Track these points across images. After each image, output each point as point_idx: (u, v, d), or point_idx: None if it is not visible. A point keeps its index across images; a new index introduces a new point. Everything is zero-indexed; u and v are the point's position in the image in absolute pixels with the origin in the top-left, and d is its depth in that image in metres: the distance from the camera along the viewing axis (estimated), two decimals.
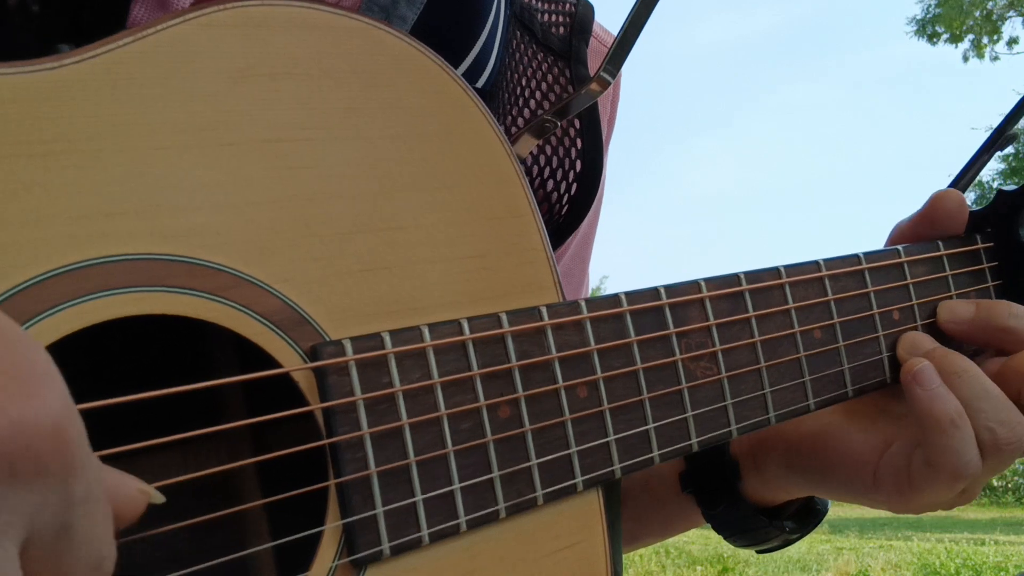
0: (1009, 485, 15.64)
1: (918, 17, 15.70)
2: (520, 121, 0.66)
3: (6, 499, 0.27)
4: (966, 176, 0.75)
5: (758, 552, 0.76)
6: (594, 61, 0.71)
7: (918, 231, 0.68)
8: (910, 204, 0.70)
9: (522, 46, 0.68)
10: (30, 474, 0.27)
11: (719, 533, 0.73)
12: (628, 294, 0.51)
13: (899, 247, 0.65)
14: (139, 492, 0.33)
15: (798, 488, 0.69)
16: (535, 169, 0.67)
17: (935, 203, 0.67)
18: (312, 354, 0.41)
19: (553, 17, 0.71)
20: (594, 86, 0.56)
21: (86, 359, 0.42)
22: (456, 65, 0.60)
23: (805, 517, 0.72)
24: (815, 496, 0.72)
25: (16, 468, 0.27)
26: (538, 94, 0.68)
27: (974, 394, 0.58)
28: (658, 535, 0.81)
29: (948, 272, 0.67)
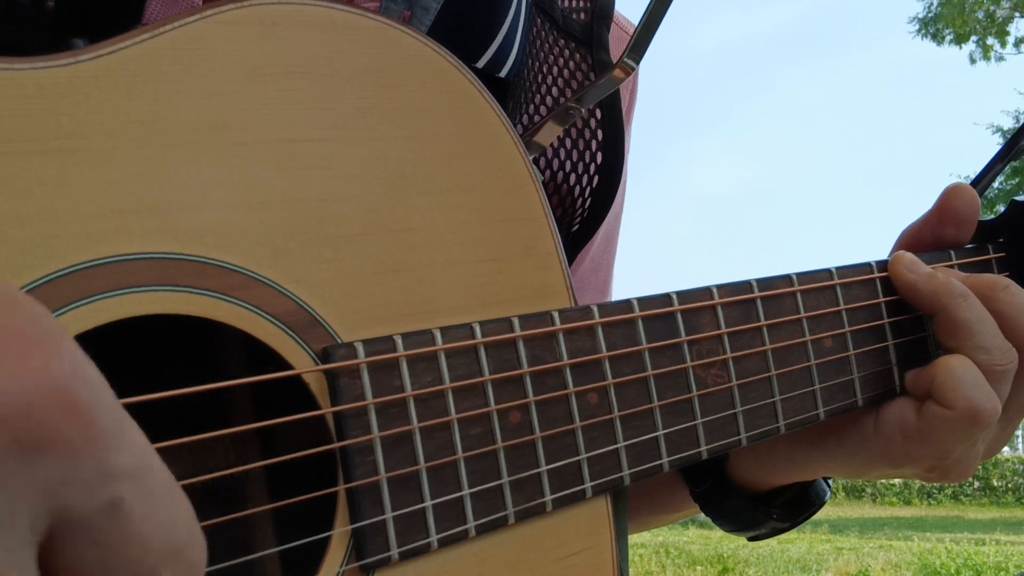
0: (1009, 485, 15.67)
1: (920, 16, 15.68)
2: (543, 110, 0.66)
3: (12, 476, 0.23)
4: (979, 185, 0.75)
5: (748, 539, 0.75)
6: (615, 48, 0.70)
7: (928, 229, 0.67)
8: (913, 202, 0.69)
9: (543, 33, 0.68)
10: (38, 444, 0.24)
11: (707, 514, 0.72)
12: (640, 300, 0.51)
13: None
14: None
15: (796, 454, 0.67)
16: (556, 162, 0.66)
17: (949, 197, 0.66)
18: (324, 356, 0.41)
19: (573, 3, 0.70)
20: (618, 72, 0.56)
21: (93, 359, 0.42)
22: (479, 55, 0.60)
23: (796, 506, 0.71)
24: (810, 486, 0.71)
25: (20, 437, 0.23)
26: (560, 82, 0.67)
27: (978, 316, 0.59)
28: (649, 516, 0.81)
29: None
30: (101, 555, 0.25)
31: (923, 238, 0.67)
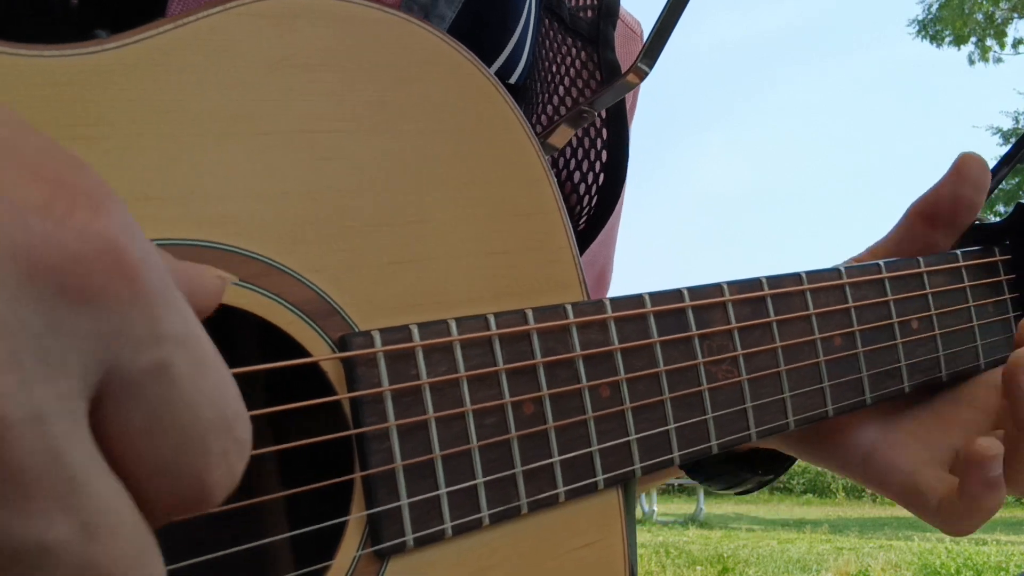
0: None
1: (919, 19, 15.77)
2: (549, 109, 0.67)
3: (62, 322, 0.22)
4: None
5: (736, 495, 0.75)
6: (621, 46, 0.71)
7: (946, 190, 0.65)
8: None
9: (551, 33, 0.69)
10: (87, 294, 0.23)
11: (693, 478, 0.73)
12: (652, 295, 0.51)
13: (919, 258, 0.65)
14: (217, 279, 0.29)
15: (780, 446, 0.68)
16: (561, 160, 0.67)
17: (964, 160, 0.64)
18: (341, 344, 0.42)
19: (580, 1, 0.71)
20: (631, 77, 0.56)
21: None
22: (490, 63, 0.61)
23: (779, 458, 0.71)
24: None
25: (67, 285, 0.22)
26: (567, 80, 0.68)
27: None
28: (642, 482, 0.81)
29: (967, 283, 0.67)
30: (149, 418, 0.24)
31: (942, 198, 0.65)
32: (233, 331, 0.48)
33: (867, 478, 0.62)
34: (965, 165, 0.65)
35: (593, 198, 0.69)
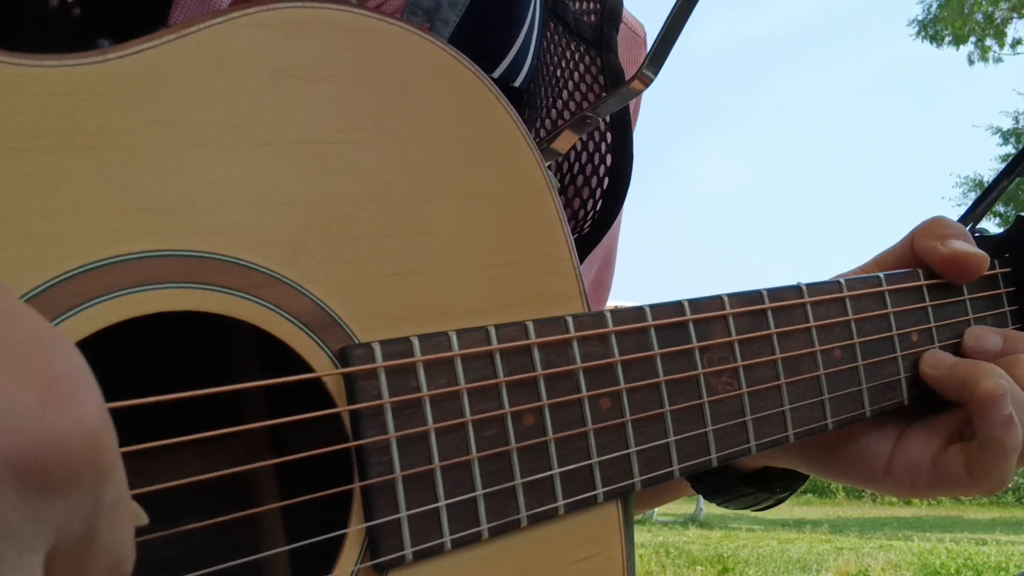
0: (1009, 485, 15.59)
1: (919, 18, 15.83)
2: (553, 113, 0.67)
3: (37, 512, 0.26)
4: (983, 203, 0.76)
5: (754, 511, 0.77)
6: (624, 50, 0.71)
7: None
8: (913, 203, 0.69)
9: (556, 37, 0.69)
10: (62, 485, 0.26)
11: (712, 501, 0.74)
12: (652, 307, 0.51)
13: (918, 270, 0.65)
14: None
15: (796, 466, 0.69)
16: (566, 165, 0.67)
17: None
18: (342, 356, 0.41)
19: (584, 5, 0.71)
20: (636, 84, 0.56)
21: (105, 353, 0.42)
22: (494, 66, 0.60)
23: (794, 475, 0.72)
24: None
25: (49, 479, 0.26)
26: (570, 84, 0.68)
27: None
28: (647, 504, 0.83)
29: (966, 296, 0.67)
30: (67, 571, 0.28)
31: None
32: (232, 342, 0.48)
33: (895, 484, 0.63)
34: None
35: (598, 203, 0.69)
